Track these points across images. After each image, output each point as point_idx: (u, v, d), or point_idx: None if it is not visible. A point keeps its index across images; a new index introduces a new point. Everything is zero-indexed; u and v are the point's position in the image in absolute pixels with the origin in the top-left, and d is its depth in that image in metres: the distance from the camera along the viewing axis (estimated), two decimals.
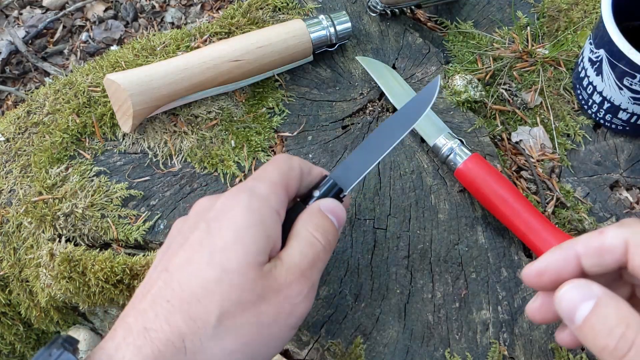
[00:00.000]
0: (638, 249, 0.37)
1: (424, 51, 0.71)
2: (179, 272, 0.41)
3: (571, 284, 0.38)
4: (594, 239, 0.39)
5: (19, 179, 0.63)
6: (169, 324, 0.39)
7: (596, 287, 0.37)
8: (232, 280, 0.40)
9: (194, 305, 0.40)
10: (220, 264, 0.41)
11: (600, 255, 0.38)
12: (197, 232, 0.43)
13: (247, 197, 0.43)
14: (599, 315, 0.36)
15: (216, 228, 0.42)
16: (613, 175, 0.65)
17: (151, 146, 0.64)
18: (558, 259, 0.40)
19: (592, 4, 0.75)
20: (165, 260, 0.44)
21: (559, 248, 0.40)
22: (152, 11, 1.42)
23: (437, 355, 0.54)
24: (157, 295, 0.41)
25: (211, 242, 0.42)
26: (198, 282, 0.40)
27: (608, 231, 0.38)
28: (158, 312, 0.40)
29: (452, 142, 0.61)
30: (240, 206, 0.43)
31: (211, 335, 0.40)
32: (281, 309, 0.42)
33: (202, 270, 0.41)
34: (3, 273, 0.64)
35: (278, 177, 0.46)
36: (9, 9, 1.43)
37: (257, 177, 0.46)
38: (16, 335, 0.70)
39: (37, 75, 1.34)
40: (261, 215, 0.43)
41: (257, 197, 0.43)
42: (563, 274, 0.39)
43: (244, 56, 0.63)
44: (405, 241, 0.59)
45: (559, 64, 0.72)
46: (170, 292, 0.41)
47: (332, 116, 0.66)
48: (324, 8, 0.74)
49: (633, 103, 0.62)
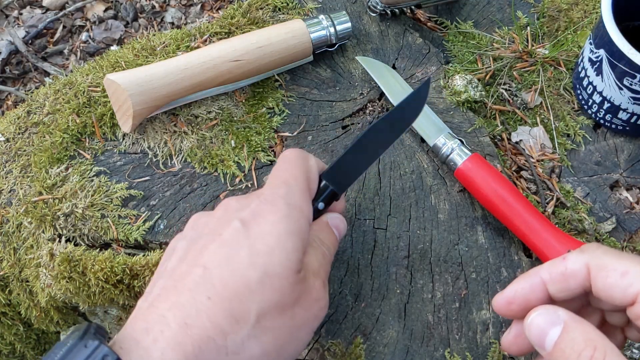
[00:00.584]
0: (599, 272, 0.38)
1: (424, 51, 0.71)
2: (219, 268, 0.41)
3: (538, 311, 0.39)
4: (557, 265, 0.40)
5: (19, 179, 0.63)
6: (210, 321, 0.39)
7: (562, 312, 0.38)
8: (273, 283, 0.41)
9: (235, 304, 0.40)
10: (264, 266, 0.41)
11: (564, 280, 0.40)
12: (232, 230, 0.43)
13: (286, 206, 0.44)
14: (567, 340, 0.37)
15: (256, 229, 0.43)
16: (613, 175, 0.66)
17: (151, 146, 0.64)
18: (525, 287, 0.41)
19: (592, 4, 0.75)
20: (194, 253, 0.43)
21: (525, 275, 0.42)
22: (152, 11, 1.42)
23: (437, 355, 0.54)
24: (196, 291, 0.40)
25: (251, 244, 0.42)
26: (240, 282, 0.41)
27: (570, 257, 0.40)
28: (199, 308, 0.40)
29: (452, 142, 0.61)
30: (281, 214, 0.44)
31: (251, 335, 0.40)
32: (311, 312, 0.43)
33: (244, 270, 0.41)
34: (3, 273, 0.64)
35: (304, 183, 0.47)
36: (9, 9, 1.43)
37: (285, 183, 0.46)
38: (16, 335, 0.70)
39: (37, 75, 1.34)
40: (300, 225, 0.44)
41: (294, 207, 0.45)
42: (531, 301, 0.41)
43: (244, 56, 0.63)
44: (405, 241, 0.59)
45: (559, 64, 0.72)
46: (211, 288, 0.40)
47: (332, 116, 0.66)
48: (324, 8, 0.74)
49: (633, 103, 0.62)
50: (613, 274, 0.37)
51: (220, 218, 0.45)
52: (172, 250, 0.46)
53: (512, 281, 0.42)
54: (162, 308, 0.40)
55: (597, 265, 0.39)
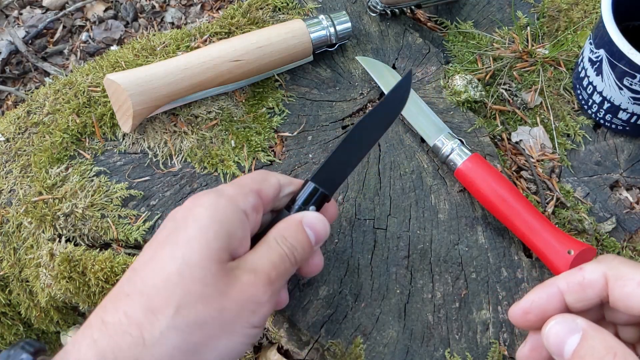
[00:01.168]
0: (616, 282, 0.39)
1: (424, 51, 0.71)
2: (143, 268, 0.42)
3: (556, 319, 0.39)
4: (574, 275, 0.41)
5: (19, 179, 0.63)
6: (127, 315, 0.39)
7: (581, 320, 0.38)
8: (193, 273, 0.41)
9: (154, 297, 0.40)
10: (182, 257, 0.41)
11: (581, 290, 0.40)
12: (164, 231, 0.44)
13: (214, 196, 0.44)
14: (587, 347, 0.37)
15: (182, 226, 0.43)
16: (613, 175, 0.65)
17: (151, 146, 0.64)
18: (541, 296, 0.41)
19: (592, 4, 0.75)
20: (138, 258, 0.44)
21: (541, 286, 0.42)
22: (152, 11, 1.42)
23: (437, 355, 0.54)
24: (119, 291, 0.41)
25: (175, 238, 0.42)
26: (159, 276, 0.41)
27: (587, 267, 0.40)
28: (117, 305, 0.40)
29: (452, 142, 0.61)
30: (206, 205, 0.43)
31: (171, 326, 0.39)
32: (244, 307, 0.42)
33: (165, 263, 0.41)
34: (3, 273, 0.64)
35: (249, 182, 0.47)
36: (9, 9, 1.43)
37: (233, 181, 0.48)
38: (16, 335, 0.70)
39: (37, 75, 1.34)
40: (226, 214, 0.43)
41: (224, 196, 0.44)
42: (548, 311, 0.41)
43: (244, 56, 0.63)
44: (405, 241, 0.59)
45: (559, 64, 0.72)
46: (132, 286, 0.41)
47: (332, 116, 0.66)
48: (324, 8, 0.74)
49: (633, 103, 0.62)
50: (630, 283, 0.38)
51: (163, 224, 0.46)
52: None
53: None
54: (91, 316, 0.41)
55: (614, 275, 0.39)
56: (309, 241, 0.47)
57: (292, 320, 0.55)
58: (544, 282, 0.42)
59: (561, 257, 0.54)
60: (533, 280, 0.58)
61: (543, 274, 0.58)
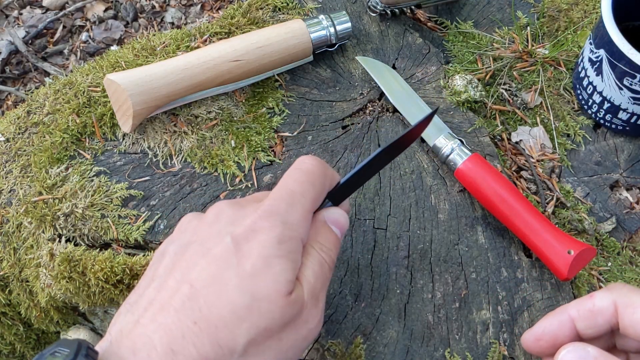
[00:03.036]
0: (626, 309, 0.39)
1: (424, 51, 0.71)
2: (205, 289, 0.40)
3: (568, 348, 0.40)
4: (585, 302, 0.41)
5: (19, 179, 0.63)
6: (196, 348, 0.38)
7: (592, 348, 0.39)
8: (261, 308, 0.40)
9: (222, 331, 0.39)
10: (251, 291, 0.40)
11: (592, 317, 0.41)
12: (222, 247, 0.42)
13: (281, 225, 0.42)
14: None
15: (245, 249, 0.41)
16: (613, 175, 0.66)
17: (151, 146, 0.64)
18: (553, 323, 0.42)
19: (592, 4, 0.75)
20: (183, 265, 0.42)
21: (553, 313, 0.43)
22: (152, 11, 1.42)
23: (437, 355, 0.54)
24: (183, 312, 0.39)
25: (239, 264, 0.41)
26: (227, 307, 0.39)
27: (597, 294, 0.41)
28: (185, 333, 0.39)
29: (452, 142, 0.61)
30: (273, 234, 0.42)
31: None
32: (299, 334, 0.42)
33: (231, 293, 0.40)
34: (3, 273, 0.64)
35: (310, 203, 0.45)
36: (9, 9, 1.43)
37: (290, 198, 0.44)
38: (16, 335, 0.70)
39: (37, 75, 1.34)
40: (291, 246, 0.42)
41: (289, 226, 0.43)
42: (560, 338, 0.42)
43: (244, 56, 0.63)
44: (405, 241, 0.59)
45: (559, 64, 0.72)
46: (197, 313, 0.39)
47: (332, 116, 0.66)
48: (324, 8, 0.74)
49: (633, 103, 0.62)
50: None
51: (211, 226, 0.43)
52: (162, 254, 0.45)
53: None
54: (149, 328, 0.39)
55: (624, 302, 0.40)
56: (337, 238, 0.47)
57: None
58: (556, 310, 0.43)
59: (561, 257, 0.54)
60: (533, 280, 0.58)
61: (543, 274, 0.58)
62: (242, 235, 0.42)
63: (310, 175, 0.46)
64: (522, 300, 0.57)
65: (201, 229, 0.44)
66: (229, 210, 0.44)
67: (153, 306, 0.40)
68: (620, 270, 0.61)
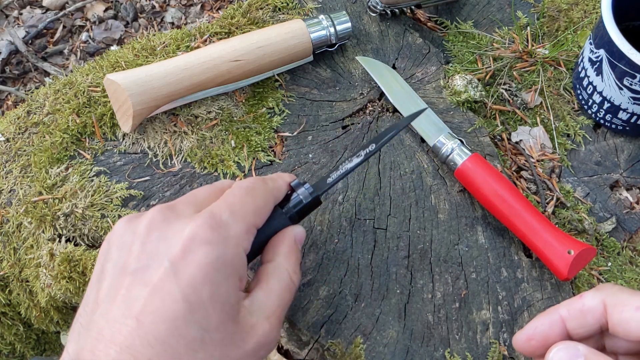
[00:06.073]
0: (614, 308, 0.40)
1: (424, 51, 0.71)
2: (154, 325, 0.39)
3: (559, 346, 0.40)
4: (575, 302, 0.42)
5: (19, 179, 0.63)
6: None
7: (582, 346, 0.39)
8: (213, 339, 0.40)
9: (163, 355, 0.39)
10: (199, 322, 0.40)
11: (582, 317, 0.41)
12: (161, 274, 0.40)
13: (221, 240, 0.42)
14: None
15: (186, 274, 0.40)
16: (613, 175, 0.66)
17: (151, 146, 0.64)
18: (544, 323, 0.42)
19: (592, 4, 0.75)
20: (125, 297, 0.41)
21: (544, 313, 0.43)
22: (152, 11, 1.42)
23: (437, 355, 0.54)
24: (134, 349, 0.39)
25: (184, 295, 0.40)
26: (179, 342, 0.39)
27: (586, 294, 0.42)
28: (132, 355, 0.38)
29: (452, 142, 0.61)
30: (213, 254, 0.41)
31: None
32: (258, 354, 0.43)
33: (182, 327, 0.39)
34: (3, 273, 0.64)
35: (253, 217, 0.45)
36: (9, 9, 1.43)
37: (234, 210, 0.44)
38: (16, 335, 0.70)
39: (37, 75, 1.34)
40: (234, 265, 0.42)
41: (230, 240, 0.42)
42: (550, 338, 0.42)
43: (244, 56, 0.63)
44: (405, 241, 0.59)
45: (559, 64, 0.72)
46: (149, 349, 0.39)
47: (332, 116, 0.66)
48: (324, 8, 0.74)
49: (633, 103, 0.62)
50: (628, 308, 0.39)
51: (145, 244, 0.42)
52: (100, 273, 0.43)
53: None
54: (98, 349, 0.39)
55: (612, 301, 0.40)
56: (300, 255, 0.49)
57: (292, 320, 0.55)
58: (547, 310, 0.43)
59: (561, 257, 0.54)
60: (533, 280, 0.58)
61: (543, 274, 0.58)
62: (179, 256, 0.41)
63: (251, 190, 0.46)
64: (522, 300, 0.57)
65: (135, 246, 0.42)
66: (161, 222, 0.43)
67: (104, 337, 0.40)
68: (620, 270, 0.61)
